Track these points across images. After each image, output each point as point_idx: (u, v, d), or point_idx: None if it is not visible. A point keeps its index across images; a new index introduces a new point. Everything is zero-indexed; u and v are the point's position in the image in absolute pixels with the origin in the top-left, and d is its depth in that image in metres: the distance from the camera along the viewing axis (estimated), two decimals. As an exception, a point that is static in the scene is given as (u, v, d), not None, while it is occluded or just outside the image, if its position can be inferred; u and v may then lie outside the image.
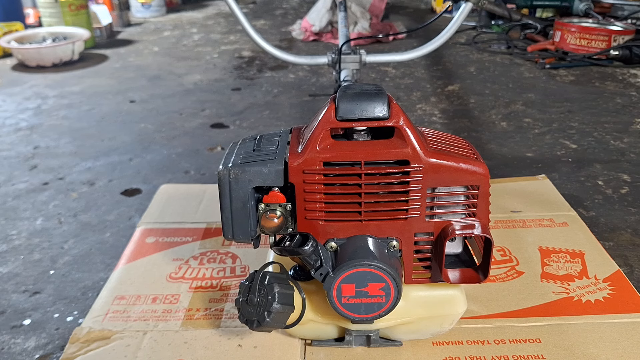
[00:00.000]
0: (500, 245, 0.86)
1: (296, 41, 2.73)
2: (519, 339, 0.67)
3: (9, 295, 0.88)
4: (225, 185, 0.54)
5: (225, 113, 1.75)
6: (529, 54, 2.27)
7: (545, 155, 1.36)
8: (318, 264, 0.54)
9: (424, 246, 0.57)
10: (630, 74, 2.01)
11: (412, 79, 2.05)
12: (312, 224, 0.55)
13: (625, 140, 1.44)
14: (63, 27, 2.59)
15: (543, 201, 0.99)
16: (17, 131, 1.62)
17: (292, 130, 0.60)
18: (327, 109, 0.53)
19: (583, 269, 0.80)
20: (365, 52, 1.20)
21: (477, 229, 0.54)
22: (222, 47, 2.65)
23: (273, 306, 0.54)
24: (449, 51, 2.42)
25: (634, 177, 1.22)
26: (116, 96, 1.96)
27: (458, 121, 1.63)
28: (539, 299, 0.74)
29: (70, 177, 1.31)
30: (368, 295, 0.54)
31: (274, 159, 0.54)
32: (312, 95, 1.91)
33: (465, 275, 0.58)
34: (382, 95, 0.53)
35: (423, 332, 0.65)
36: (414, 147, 0.52)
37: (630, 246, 0.95)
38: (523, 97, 1.81)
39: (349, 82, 1.10)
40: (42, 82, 2.14)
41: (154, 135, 1.58)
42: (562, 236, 0.88)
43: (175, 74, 2.22)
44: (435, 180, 0.53)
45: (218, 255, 0.88)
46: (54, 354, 0.75)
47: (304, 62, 1.26)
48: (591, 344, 0.65)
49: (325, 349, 0.66)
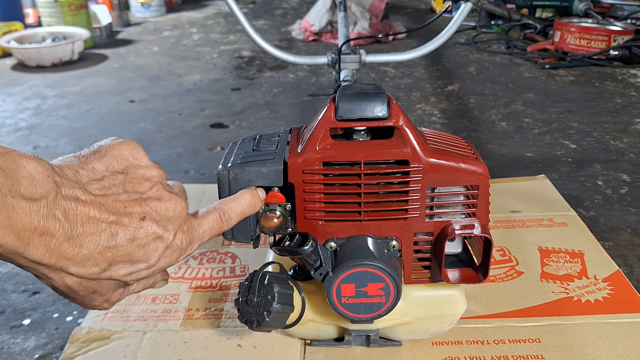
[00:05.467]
0: (499, 245, 0.86)
1: (296, 41, 2.73)
2: (518, 339, 0.67)
3: (9, 295, 0.88)
4: (225, 185, 0.54)
5: (225, 113, 1.75)
6: (528, 54, 2.27)
7: (545, 155, 1.36)
8: (318, 264, 0.53)
9: (424, 246, 0.57)
10: (630, 74, 2.01)
11: (411, 79, 2.05)
12: (312, 224, 0.55)
13: (625, 140, 1.44)
14: (63, 27, 2.59)
15: (543, 201, 1.00)
16: (17, 131, 1.62)
17: (292, 130, 0.60)
18: (327, 109, 0.53)
19: (583, 269, 0.80)
20: (365, 52, 1.20)
21: (477, 229, 0.54)
22: (221, 47, 2.65)
23: (273, 306, 0.54)
24: (448, 51, 2.42)
25: (634, 177, 1.22)
26: (116, 96, 1.96)
27: (458, 121, 1.63)
28: (539, 299, 0.74)
29: (70, 177, 1.31)
30: (368, 295, 0.54)
31: (274, 159, 0.54)
32: (312, 95, 1.90)
33: (464, 275, 0.58)
34: (381, 95, 0.53)
35: (423, 332, 0.65)
36: (414, 147, 0.52)
37: (629, 246, 0.95)
38: (523, 97, 1.81)
39: (348, 82, 1.10)
40: (41, 82, 2.14)
41: (153, 135, 1.58)
42: (562, 236, 0.88)
43: (174, 74, 2.22)
44: (435, 180, 0.53)
45: (218, 255, 0.88)
46: (54, 353, 0.75)
47: (304, 62, 1.26)
48: (591, 344, 0.66)
49: (325, 348, 0.66)
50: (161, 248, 0.40)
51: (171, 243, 0.40)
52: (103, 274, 0.38)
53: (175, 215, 0.41)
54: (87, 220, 0.36)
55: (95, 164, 0.40)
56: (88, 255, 0.36)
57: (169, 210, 0.41)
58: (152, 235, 0.39)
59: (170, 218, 0.41)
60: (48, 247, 0.34)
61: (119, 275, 0.39)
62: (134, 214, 0.38)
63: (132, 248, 0.38)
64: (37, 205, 0.33)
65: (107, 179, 0.39)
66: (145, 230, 0.39)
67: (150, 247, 0.39)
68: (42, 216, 0.33)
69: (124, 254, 0.38)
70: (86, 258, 0.36)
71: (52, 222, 0.34)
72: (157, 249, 0.39)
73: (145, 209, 0.39)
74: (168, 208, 0.40)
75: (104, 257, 0.37)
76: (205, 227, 0.44)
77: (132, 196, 0.39)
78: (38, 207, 0.33)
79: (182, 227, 0.41)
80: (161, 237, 0.40)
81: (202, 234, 0.43)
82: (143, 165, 0.42)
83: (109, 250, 0.37)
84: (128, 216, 0.38)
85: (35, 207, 0.33)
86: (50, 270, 0.36)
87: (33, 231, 0.33)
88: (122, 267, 0.38)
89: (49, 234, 0.34)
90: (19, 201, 0.33)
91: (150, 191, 0.41)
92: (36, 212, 0.33)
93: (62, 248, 0.35)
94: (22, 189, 0.33)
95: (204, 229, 0.44)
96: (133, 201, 0.39)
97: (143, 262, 0.39)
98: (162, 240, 0.40)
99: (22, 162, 0.34)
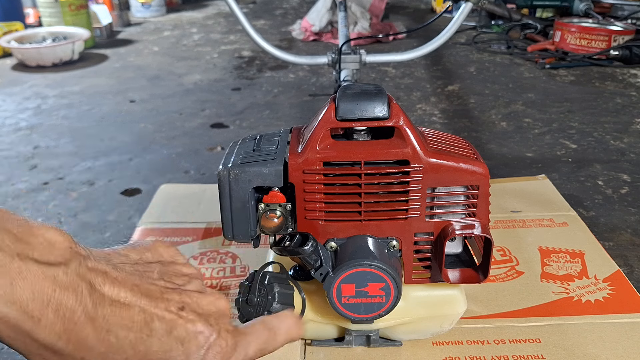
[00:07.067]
0: (500, 245, 0.86)
1: (296, 41, 2.73)
2: (518, 339, 0.67)
3: (9, 295, 0.88)
4: (225, 185, 0.54)
5: (225, 113, 1.75)
6: (529, 54, 2.27)
7: (545, 155, 1.36)
8: (318, 264, 0.53)
9: (424, 246, 0.57)
10: (630, 74, 2.01)
11: (412, 79, 2.05)
12: (312, 223, 0.55)
13: (625, 140, 1.44)
14: (63, 27, 2.59)
15: (543, 201, 0.99)
16: (17, 131, 1.62)
17: (292, 130, 0.60)
18: (327, 108, 0.53)
19: (583, 269, 0.80)
20: (365, 52, 1.20)
21: (477, 229, 0.54)
22: (222, 47, 2.65)
23: (273, 306, 0.54)
24: (449, 51, 2.42)
25: (634, 177, 1.22)
26: (116, 96, 1.96)
27: (458, 121, 1.63)
28: (539, 299, 0.74)
29: (70, 177, 1.31)
30: (368, 295, 0.54)
31: (274, 159, 0.54)
32: (312, 95, 1.91)
33: (465, 275, 0.57)
34: (382, 95, 0.52)
35: (423, 332, 0.65)
36: (414, 147, 0.52)
37: (630, 246, 0.95)
38: (523, 97, 1.81)
39: (349, 82, 1.10)
40: (42, 82, 2.14)
41: (153, 135, 1.58)
42: (562, 236, 0.88)
43: (175, 74, 2.22)
44: (435, 180, 0.53)
45: (218, 255, 0.88)
46: (54, 353, 0.75)
47: (304, 62, 1.26)
48: (591, 344, 0.65)
49: (325, 348, 0.66)
50: (204, 347, 0.33)
51: (214, 342, 0.33)
52: None
53: (219, 312, 0.35)
54: (116, 300, 0.29)
55: (128, 252, 0.35)
56: (116, 345, 0.29)
57: (211, 305, 0.35)
58: (193, 328, 0.32)
59: (213, 314, 0.34)
60: (65, 328, 0.27)
61: None
62: (171, 301, 0.32)
63: (170, 342, 0.31)
64: (54, 270, 0.27)
65: (141, 265, 0.35)
66: (184, 322, 0.32)
67: (191, 345, 0.32)
68: (59, 285, 0.27)
69: (159, 349, 0.31)
70: (114, 349, 0.29)
71: (73, 294, 0.27)
72: (199, 346, 0.32)
73: (185, 299, 0.33)
74: (210, 302, 0.35)
75: (135, 351, 0.30)
76: (251, 336, 0.36)
77: (169, 285, 0.34)
78: (55, 273, 0.27)
79: (227, 326, 0.35)
80: (203, 332, 0.33)
81: (248, 343, 0.36)
82: (179, 262, 0.38)
83: (142, 341, 0.30)
84: (165, 302, 0.32)
85: (51, 273, 0.27)
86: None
87: (46, 303, 0.26)
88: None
89: (68, 309, 0.27)
90: (29, 264, 0.26)
91: (189, 284, 0.36)
92: (52, 280, 0.27)
93: (84, 332, 0.27)
94: (35, 254, 0.27)
95: (249, 339, 0.36)
96: (171, 289, 0.33)
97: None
98: (204, 336, 0.33)
99: (38, 230, 0.28)
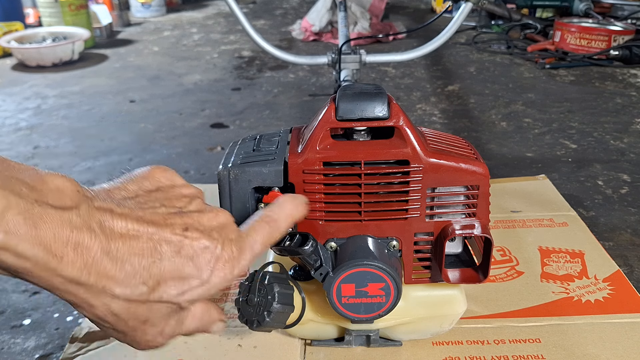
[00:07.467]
0: (500, 245, 0.86)
1: (296, 41, 2.73)
2: (518, 339, 0.67)
3: (9, 295, 0.88)
4: (225, 185, 0.54)
5: (225, 113, 1.75)
6: (529, 54, 2.27)
7: (545, 155, 1.36)
8: (318, 264, 0.54)
9: (424, 246, 0.57)
10: (630, 74, 2.01)
11: (412, 79, 2.05)
12: (312, 223, 0.55)
13: (625, 140, 1.44)
14: (63, 27, 2.59)
15: (543, 201, 0.99)
16: (17, 131, 1.62)
17: (292, 130, 0.60)
18: (327, 108, 0.53)
19: (583, 269, 0.80)
20: (365, 52, 1.20)
21: (477, 229, 0.54)
22: (222, 47, 2.65)
23: (273, 306, 0.54)
24: (449, 51, 2.42)
25: (634, 177, 1.22)
26: (116, 96, 1.96)
27: (458, 121, 1.63)
28: (539, 299, 0.74)
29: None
30: (368, 295, 0.54)
31: (274, 159, 0.54)
32: (312, 95, 1.91)
33: (465, 275, 0.57)
34: (382, 95, 0.52)
35: (423, 332, 0.65)
36: (414, 147, 0.52)
37: (630, 246, 0.95)
38: (523, 97, 1.81)
39: (349, 82, 1.10)
40: (42, 82, 2.14)
41: (153, 135, 1.58)
42: (562, 236, 0.88)
43: (175, 74, 2.22)
44: (435, 180, 0.53)
45: (218, 255, 0.88)
46: (54, 353, 0.75)
47: (304, 62, 1.26)
48: (591, 344, 0.65)
49: (325, 348, 0.66)
50: (212, 260, 0.36)
51: (220, 254, 0.36)
52: (152, 295, 0.34)
53: (220, 225, 0.38)
54: (125, 233, 0.33)
55: (127, 185, 0.37)
56: (132, 271, 0.33)
57: (212, 220, 0.38)
58: (199, 245, 0.36)
59: (215, 227, 0.38)
60: (85, 262, 0.31)
61: (170, 295, 0.35)
62: (175, 224, 0.36)
63: (181, 261, 0.35)
64: (68, 214, 0.30)
65: (142, 197, 0.37)
66: (190, 241, 0.35)
67: (200, 260, 0.35)
68: (74, 226, 0.30)
69: (172, 269, 0.34)
70: (130, 275, 0.33)
71: (87, 233, 0.31)
72: (208, 261, 0.36)
73: (187, 220, 0.36)
74: (211, 218, 0.38)
75: (150, 273, 0.33)
76: (254, 235, 0.40)
77: (170, 210, 0.37)
78: (70, 216, 0.30)
79: (229, 235, 0.38)
80: (208, 247, 0.36)
81: (252, 242, 0.39)
82: (178, 185, 0.40)
83: (154, 265, 0.34)
84: (169, 227, 0.35)
85: (66, 217, 0.30)
86: (92, 294, 0.32)
87: (66, 243, 0.30)
88: (173, 286, 0.35)
89: (85, 246, 0.31)
90: (48, 210, 0.30)
91: (189, 205, 0.38)
92: (68, 222, 0.30)
93: (102, 264, 0.31)
94: (50, 200, 0.30)
95: (253, 238, 0.40)
96: (172, 214, 0.36)
97: (195, 278, 0.35)
98: (209, 251, 0.36)
99: (47, 177, 0.31)
